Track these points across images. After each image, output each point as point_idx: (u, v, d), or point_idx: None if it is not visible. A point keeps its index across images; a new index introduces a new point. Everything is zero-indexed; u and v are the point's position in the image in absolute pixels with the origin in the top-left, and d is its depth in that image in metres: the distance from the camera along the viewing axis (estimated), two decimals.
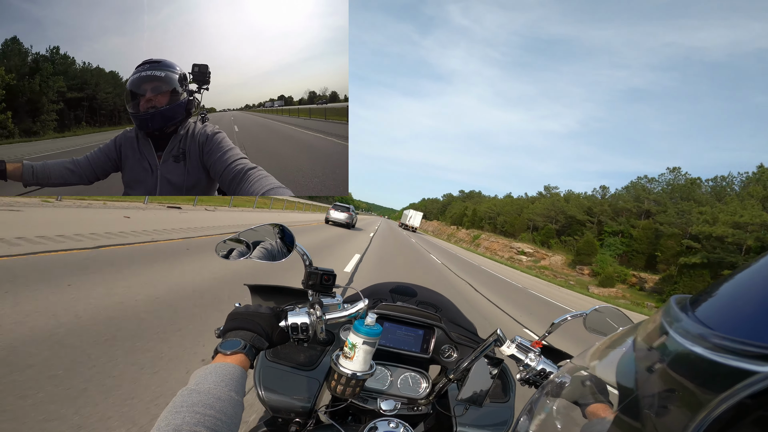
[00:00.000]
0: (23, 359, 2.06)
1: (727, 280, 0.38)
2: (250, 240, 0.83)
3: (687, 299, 0.41)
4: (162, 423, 0.47)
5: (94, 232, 5.53)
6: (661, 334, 0.39)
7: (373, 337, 0.76)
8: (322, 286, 0.83)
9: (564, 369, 0.64)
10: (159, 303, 3.37)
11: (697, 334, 0.32)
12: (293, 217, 22.91)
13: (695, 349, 0.31)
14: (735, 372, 0.25)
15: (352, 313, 0.83)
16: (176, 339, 2.77)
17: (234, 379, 0.57)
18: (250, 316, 0.72)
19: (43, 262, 3.76)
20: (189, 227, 8.27)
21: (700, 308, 0.36)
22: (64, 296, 3.02)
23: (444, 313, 1.18)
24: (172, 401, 0.51)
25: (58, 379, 1.97)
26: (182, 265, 4.90)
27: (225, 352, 0.63)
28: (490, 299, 9.17)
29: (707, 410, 0.25)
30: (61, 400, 1.83)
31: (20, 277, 3.22)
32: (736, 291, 0.36)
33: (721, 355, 0.27)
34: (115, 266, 4.16)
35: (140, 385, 2.10)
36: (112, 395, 1.96)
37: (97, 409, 1.84)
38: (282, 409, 0.93)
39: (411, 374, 1.09)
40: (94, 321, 2.72)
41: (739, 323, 0.31)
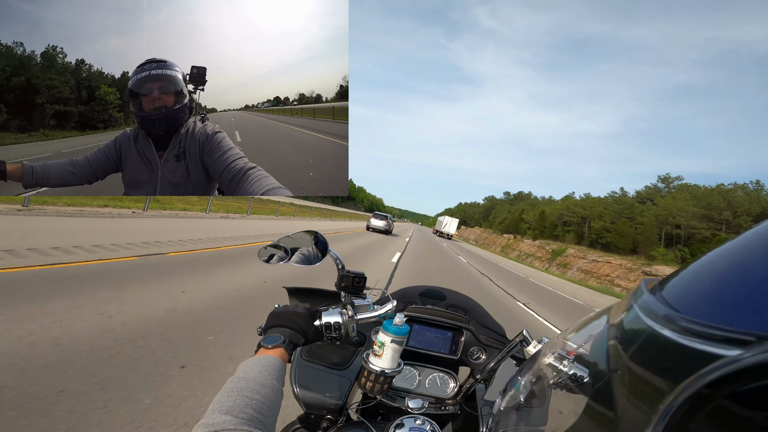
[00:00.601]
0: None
1: (697, 264, 0.38)
2: (288, 246, 0.90)
3: (657, 282, 0.41)
4: (216, 405, 0.53)
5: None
6: (631, 315, 0.39)
7: (401, 336, 0.80)
8: (354, 288, 0.88)
9: (544, 346, 0.64)
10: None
11: (664, 316, 0.32)
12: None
13: (663, 332, 0.31)
14: (702, 355, 0.25)
15: (382, 313, 0.88)
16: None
17: (276, 369, 0.64)
18: (288, 315, 0.79)
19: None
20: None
21: (669, 291, 0.36)
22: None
23: (473, 316, 1.21)
24: (224, 387, 0.58)
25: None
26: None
27: (267, 346, 0.70)
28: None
29: (674, 394, 0.25)
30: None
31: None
32: (705, 274, 0.36)
33: (688, 338, 0.27)
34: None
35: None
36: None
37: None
38: (315, 406, 0.97)
39: (439, 374, 1.12)
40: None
41: (707, 307, 0.30)
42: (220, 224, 11.11)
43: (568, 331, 0.59)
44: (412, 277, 8.56)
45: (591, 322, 0.53)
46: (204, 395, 2.18)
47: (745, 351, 0.22)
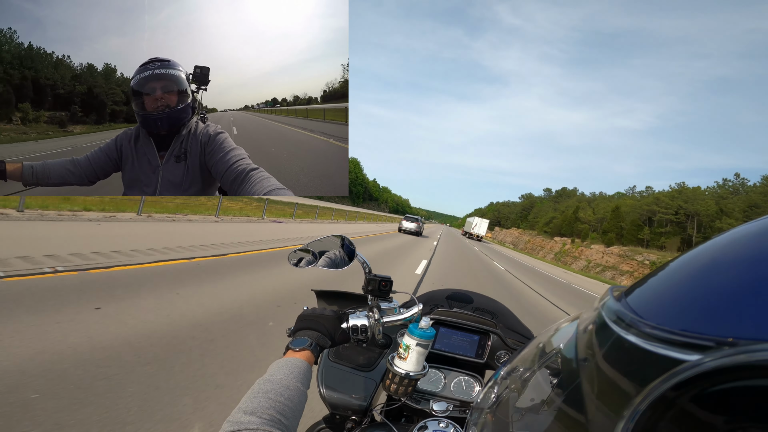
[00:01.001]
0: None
1: (661, 271, 0.39)
2: (316, 250, 0.92)
3: (623, 289, 0.42)
4: (243, 405, 0.55)
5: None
6: (597, 321, 0.40)
7: (426, 340, 0.81)
8: (381, 292, 0.88)
9: (519, 353, 0.66)
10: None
11: (629, 322, 0.33)
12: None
13: (628, 337, 0.31)
14: (665, 360, 0.25)
15: (408, 316, 0.88)
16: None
17: (301, 372, 0.65)
18: (316, 318, 0.80)
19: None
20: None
21: (634, 297, 0.37)
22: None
23: (500, 319, 1.20)
24: (251, 388, 0.60)
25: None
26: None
27: (294, 349, 0.72)
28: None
29: (639, 398, 0.25)
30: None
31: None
32: (667, 281, 0.37)
33: (651, 343, 0.28)
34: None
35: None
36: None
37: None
38: (340, 407, 0.98)
39: (464, 378, 1.11)
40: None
41: (668, 312, 0.31)
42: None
43: (544, 334, 0.60)
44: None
45: (563, 326, 0.54)
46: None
47: (704, 356, 0.23)
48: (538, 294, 10.42)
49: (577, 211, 61.29)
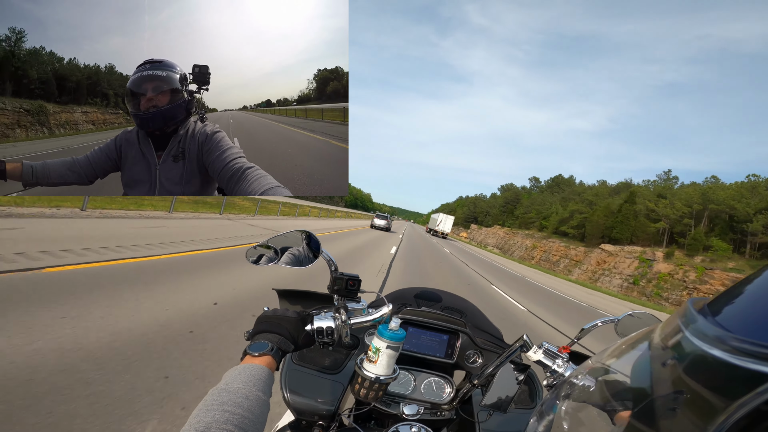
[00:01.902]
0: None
1: (746, 284, 0.37)
2: (278, 246, 0.85)
3: (705, 301, 0.40)
4: (194, 420, 0.50)
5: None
6: (677, 336, 0.38)
7: (397, 342, 0.77)
8: (348, 291, 0.84)
9: (580, 369, 0.62)
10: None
11: (714, 336, 0.31)
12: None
13: (713, 352, 0.30)
14: (754, 375, 0.24)
15: (377, 317, 0.84)
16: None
17: (261, 380, 0.60)
18: (277, 320, 0.75)
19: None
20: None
21: (718, 310, 0.35)
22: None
23: (469, 318, 1.18)
24: (204, 399, 0.54)
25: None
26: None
27: (253, 354, 0.66)
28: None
29: (725, 415, 0.24)
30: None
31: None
32: (755, 294, 0.35)
33: (739, 357, 0.27)
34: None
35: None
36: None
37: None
38: (306, 412, 0.94)
39: (435, 379, 1.09)
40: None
41: (757, 326, 0.30)
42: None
43: (604, 353, 0.57)
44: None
45: (631, 344, 0.52)
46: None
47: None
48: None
49: (634, 200, 38.02)
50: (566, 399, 0.56)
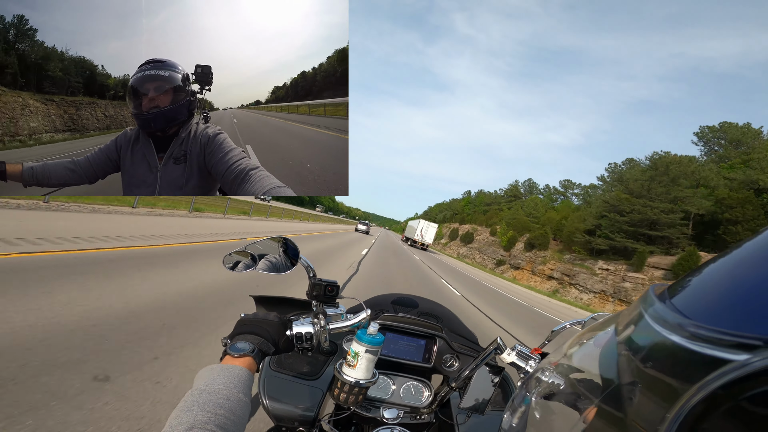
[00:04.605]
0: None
1: (704, 270, 0.38)
2: (255, 253, 0.84)
3: (665, 287, 0.41)
4: (174, 422, 0.48)
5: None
6: (640, 323, 0.39)
7: (376, 346, 0.78)
8: (326, 297, 0.84)
9: (546, 360, 0.64)
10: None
11: (674, 322, 0.32)
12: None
13: (672, 338, 0.31)
14: (711, 360, 0.25)
15: (355, 323, 0.85)
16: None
17: (242, 381, 0.59)
18: (258, 322, 0.74)
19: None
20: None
21: (678, 297, 0.36)
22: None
23: (445, 323, 1.20)
24: (183, 400, 0.52)
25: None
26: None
27: (233, 354, 0.65)
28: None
29: (684, 399, 0.24)
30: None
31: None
32: (713, 280, 0.36)
33: (698, 343, 0.28)
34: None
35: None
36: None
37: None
38: (285, 418, 0.94)
39: (413, 383, 1.10)
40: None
41: (715, 312, 0.31)
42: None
43: (570, 344, 0.58)
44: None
45: (597, 331, 0.54)
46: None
47: (753, 356, 0.23)
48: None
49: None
50: (536, 390, 0.57)
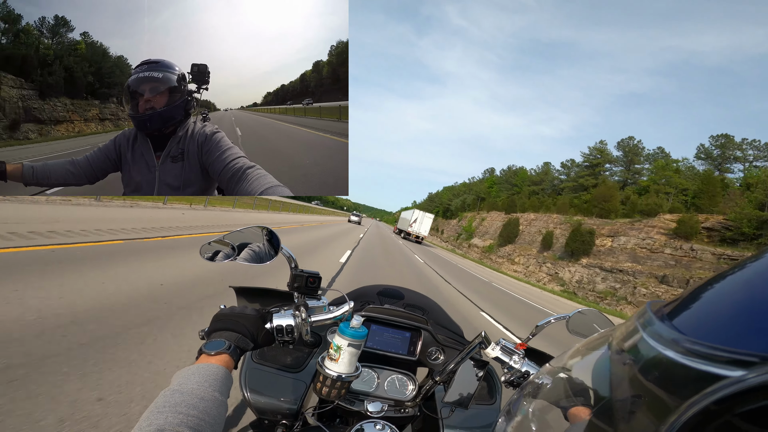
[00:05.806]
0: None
1: (702, 287, 0.39)
2: (235, 242, 0.82)
3: (662, 304, 0.42)
4: (144, 423, 0.46)
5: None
6: (635, 337, 0.40)
7: (359, 339, 0.77)
8: (308, 289, 0.82)
9: (543, 370, 0.65)
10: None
11: (669, 338, 0.33)
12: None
13: (667, 353, 0.31)
14: (706, 376, 0.25)
15: (338, 315, 0.83)
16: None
17: (218, 380, 0.57)
18: (235, 317, 0.72)
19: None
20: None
21: (674, 313, 0.37)
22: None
23: (431, 315, 1.18)
24: (154, 402, 0.50)
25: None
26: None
27: (209, 353, 0.63)
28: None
29: (677, 414, 0.25)
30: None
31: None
32: (710, 298, 0.37)
33: (693, 359, 0.28)
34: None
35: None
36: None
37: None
38: (268, 411, 0.93)
39: (398, 376, 1.09)
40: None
41: (711, 329, 0.31)
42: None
43: (567, 354, 0.59)
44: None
45: (593, 345, 0.54)
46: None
47: (748, 372, 0.23)
48: None
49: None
50: (532, 399, 0.58)
